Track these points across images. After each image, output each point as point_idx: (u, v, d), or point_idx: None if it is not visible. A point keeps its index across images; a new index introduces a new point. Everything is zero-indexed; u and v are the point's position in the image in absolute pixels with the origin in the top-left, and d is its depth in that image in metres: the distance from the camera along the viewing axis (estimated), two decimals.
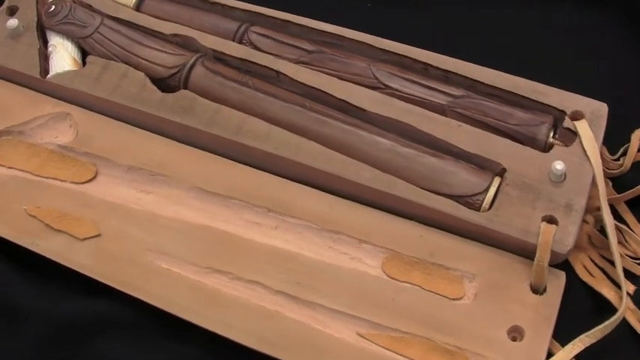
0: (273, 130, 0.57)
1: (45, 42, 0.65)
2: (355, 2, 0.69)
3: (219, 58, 0.62)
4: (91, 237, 0.56)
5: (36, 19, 0.65)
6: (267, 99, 0.58)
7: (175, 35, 0.63)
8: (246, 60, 0.61)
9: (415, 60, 0.60)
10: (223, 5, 0.65)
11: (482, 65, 0.60)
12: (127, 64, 0.62)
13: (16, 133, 0.62)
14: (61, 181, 0.59)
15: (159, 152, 0.59)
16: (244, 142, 0.57)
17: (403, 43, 0.61)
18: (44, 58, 0.64)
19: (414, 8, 0.69)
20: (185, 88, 0.60)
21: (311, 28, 0.62)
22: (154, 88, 0.60)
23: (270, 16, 0.63)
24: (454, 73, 0.59)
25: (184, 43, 0.63)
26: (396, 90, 0.59)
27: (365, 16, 0.68)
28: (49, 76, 0.62)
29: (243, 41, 0.62)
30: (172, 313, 0.53)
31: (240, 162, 0.58)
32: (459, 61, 0.60)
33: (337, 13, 0.66)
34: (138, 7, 0.66)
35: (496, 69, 0.59)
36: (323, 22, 0.62)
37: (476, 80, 0.59)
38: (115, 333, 0.55)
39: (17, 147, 0.61)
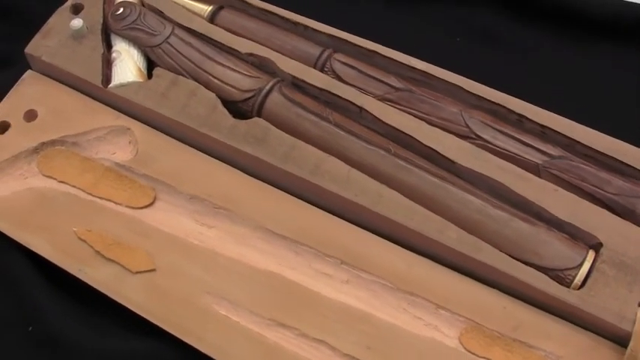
0: (352, 174, 0.52)
1: (109, 46, 0.60)
2: (443, 35, 0.64)
3: (298, 85, 0.57)
4: (145, 271, 0.51)
5: (101, 20, 0.60)
6: (348, 138, 0.53)
7: (251, 55, 0.58)
8: (327, 91, 0.56)
9: (510, 110, 0.55)
10: (306, 27, 0.59)
11: (582, 123, 0.55)
12: (196, 80, 0.57)
13: (70, 144, 0.57)
14: (116, 203, 0.54)
15: (225, 184, 0.54)
16: (321, 185, 0.52)
17: (493, 86, 0.56)
18: (107, 64, 0.59)
19: (508, 50, 0.63)
20: (258, 115, 0.55)
21: (399, 62, 0.57)
22: (225, 111, 0.55)
23: (356, 45, 0.58)
24: (551, 129, 0.55)
25: (260, 65, 0.58)
26: (488, 142, 0.54)
27: (453, 51, 0.62)
28: (110, 85, 0.57)
29: (325, 69, 0.57)
30: None
31: (313, 204, 0.53)
32: (557, 116, 0.55)
33: (423, 46, 0.61)
34: (212, 19, 0.61)
35: (596, 128, 0.55)
36: (412, 58, 0.57)
37: (574, 139, 0.54)
38: None
39: (70, 159, 0.56)
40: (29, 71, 0.60)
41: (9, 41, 0.65)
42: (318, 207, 0.53)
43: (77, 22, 0.58)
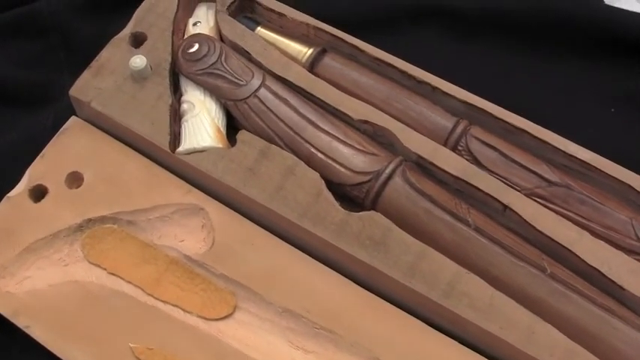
0: (497, 300, 0.41)
1: (177, 91, 0.46)
2: (593, 104, 0.51)
3: (426, 168, 0.44)
4: None
5: (169, 59, 0.46)
6: (492, 249, 0.41)
7: (365, 122, 0.45)
8: (463, 180, 0.43)
9: None
10: (434, 88, 0.46)
11: None
12: (293, 152, 0.44)
13: (124, 223, 0.44)
14: (185, 311, 0.42)
15: (329, 296, 0.42)
16: (456, 312, 0.40)
17: None
18: (175, 118, 0.45)
19: None
20: (373, 205, 0.43)
21: (553, 147, 0.45)
22: (332, 200, 0.43)
23: (499, 119, 0.45)
24: None
25: (376, 135, 0.45)
26: None
27: (607, 125, 0.50)
28: (180, 149, 0.44)
29: (459, 147, 0.45)
30: None
31: (445, 333, 0.41)
32: None
33: (569, 117, 0.49)
34: (313, 66, 0.47)
35: None
36: (570, 142, 0.45)
37: None
38: None
39: (125, 244, 0.43)
40: (74, 118, 0.46)
41: (47, 70, 0.51)
42: (450, 337, 0.41)
43: (139, 61, 0.45)
